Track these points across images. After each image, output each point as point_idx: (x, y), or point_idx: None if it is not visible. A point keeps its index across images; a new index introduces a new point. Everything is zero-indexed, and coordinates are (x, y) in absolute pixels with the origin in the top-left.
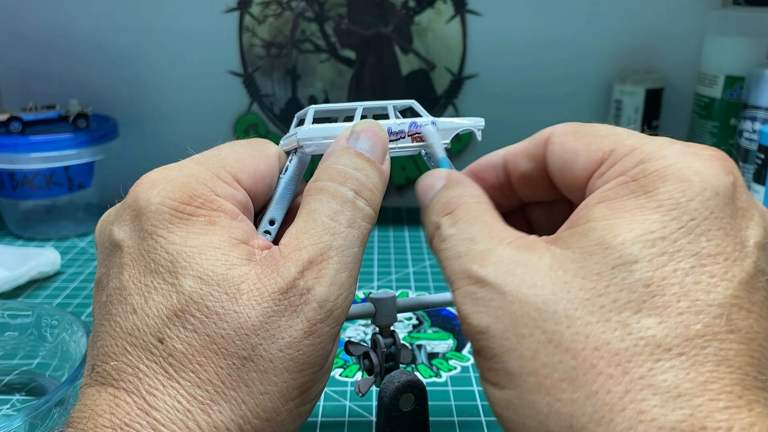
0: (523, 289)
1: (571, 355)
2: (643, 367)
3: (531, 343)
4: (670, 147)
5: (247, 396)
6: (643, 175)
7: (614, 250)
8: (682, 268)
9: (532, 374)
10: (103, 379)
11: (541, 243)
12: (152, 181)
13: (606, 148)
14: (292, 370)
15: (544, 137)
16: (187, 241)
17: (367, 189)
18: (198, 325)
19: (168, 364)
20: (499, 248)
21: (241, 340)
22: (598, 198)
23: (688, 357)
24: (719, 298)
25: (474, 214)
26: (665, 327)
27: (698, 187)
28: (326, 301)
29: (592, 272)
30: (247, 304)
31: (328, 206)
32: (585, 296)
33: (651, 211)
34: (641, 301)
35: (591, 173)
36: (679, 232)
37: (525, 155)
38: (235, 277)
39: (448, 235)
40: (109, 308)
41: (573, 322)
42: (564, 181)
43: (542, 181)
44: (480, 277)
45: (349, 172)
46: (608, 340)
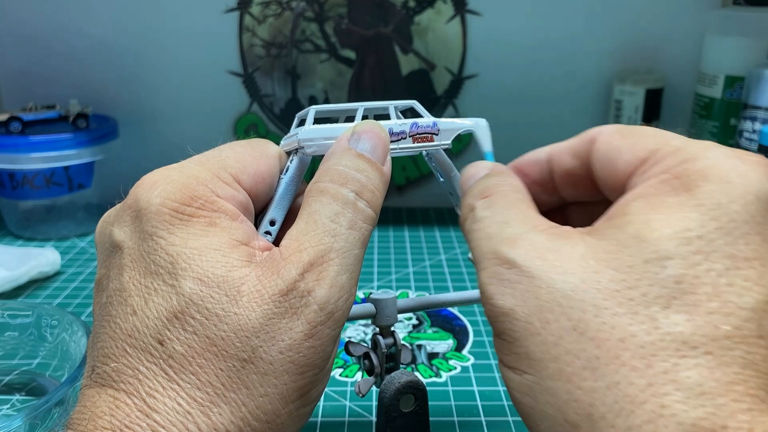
0: (553, 274)
1: (595, 344)
2: (668, 362)
3: (555, 329)
4: (716, 149)
5: (247, 398)
6: (686, 173)
7: (649, 245)
8: (717, 269)
9: (554, 360)
10: (103, 381)
11: (575, 233)
12: (153, 182)
13: (650, 147)
14: (292, 372)
15: (590, 135)
16: (188, 242)
17: (368, 190)
18: (198, 326)
19: (168, 366)
20: (531, 233)
21: (242, 342)
22: (638, 193)
23: (714, 356)
24: (751, 302)
25: (510, 200)
26: (693, 325)
27: (741, 190)
28: (327, 303)
29: (624, 264)
30: (248, 306)
31: (328, 208)
32: (615, 287)
33: (690, 209)
34: (671, 297)
35: (633, 171)
36: (717, 232)
37: (570, 152)
38: (236, 278)
39: (482, 217)
40: (109, 309)
41: (600, 312)
42: (606, 178)
43: (585, 180)
44: (509, 259)
45: (350, 173)
46: (635, 333)
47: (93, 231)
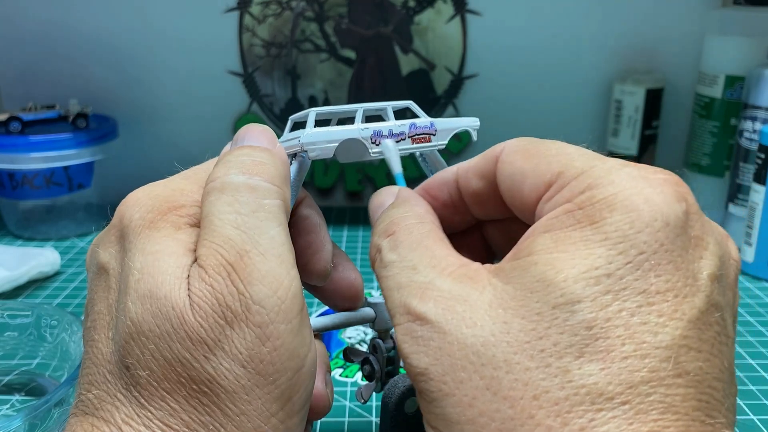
0: (463, 328)
1: (509, 403)
2: (584, 418)
3: (469, 389)
4: (620, 171)
5: (224, 419)
6: (590, 203)
7: (556, 288)
8: (628, 308)
9: (470, 423)
10: (86, 408)
11: (483, 274)
12: (136, 199)
13: (554, 170)
14: (262, 384)
15: (494, 154)
16: (145, 248)
17: (255, 165)
18: (153, 348)
19: (138, 393)
20: (439, 279)
21: (199, 362)
22: (543, 226)
23: (631, 406)
24: (667, 339)
25: (416, 237)
26: (608, 373)
27: (647, 218)
28: (265, 298)
29: (532, 312)
30: (195, 322)
31: (220, 202)
32: (525, 338)
33: (596, 245)
34: (583, 345)
35: (539, 196)
36: (626, 267)
37: (476, 173)
38: (183, 290)
39: (389, 262)
40: (92, 334)
41: (512, 368)
42: (513, 203)
43: (495, 200)
44: (420, 314)
45: (230, 162)
46: (548, 388)
47: (93, 231)
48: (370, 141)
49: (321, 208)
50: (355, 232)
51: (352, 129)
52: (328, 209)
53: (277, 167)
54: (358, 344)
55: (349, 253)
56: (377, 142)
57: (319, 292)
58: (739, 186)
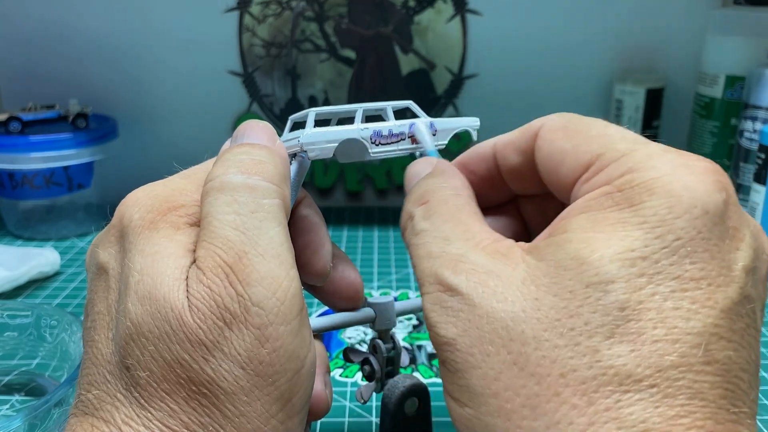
0: (494, 303)
1: (535, 380)
2: (610, 399)
3: (496, 363)
4: (662, 156)
5: (223, 421)
6: (630, 186)
7: (590, 267)
8: (662, 292)
9: (494, 396)
10: (86, 409)
11: (517, 251)
12: (135, 199)
13: (594, 152)
14: (261, 385)
15: (533, 130)
16: (144, 249)
17: (254, 164)
18: (152, 349)
19: (138, 394)
20: (473, 253)
21: (198, 364)
22: (580, 207)
23: (659, 389)
24: (698, 326)
25: (450, 209)
26: (638, 356)
27: (687, 204)
28: (264, 299)
29: (565, 289)
30: (193, 324)
31: (219, 202)
32: (555, 316)
33: (634, 227)
34: (614, 326)
35: (577, 177)
36: (661, 252)
37: (514, 148)
38: (181, 291)
39: (421, 230)
40: (92, 334)
41: (540, 345)
42: (551, 180)
43: (532, 176)
44: (452, 285)
45: (228, 161)
46: (575, 367)
47: (93, 231)
48: (369, 141)
49: (321, 208)
50: (355, 232)
51: (351, 129)
52: (328, 209)
53: (276, 166)
54: (358, 344)
55: (349, 253)
56: (377, 142)
57: (319, 292)
58: (740, 186)
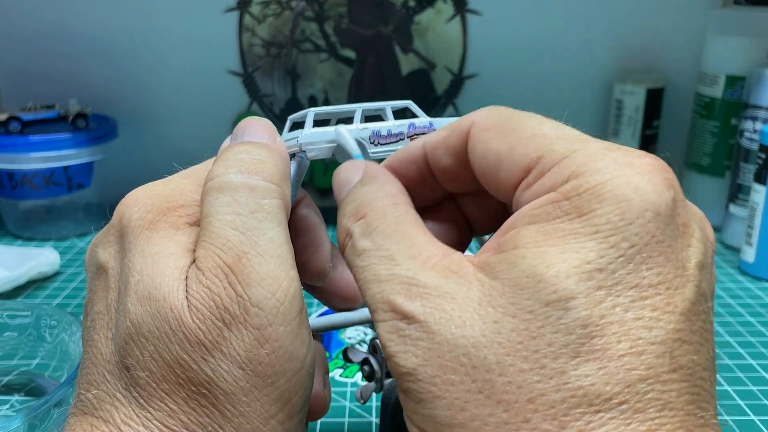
0: (452, 328)
1: (503, 407)
2: (581, 421)
3: (460, 392)
4: (605, 157)
5: (223, 421)
6: (577, 192)
7: (547, 284)
8: (622, 303)
9: (462, 426)
10: (85, 408)
11: (468, 268)
12: (135, 198)
13: (532, 154)
14: (260, 386)
15: (464, 129)
16: (145, 250)
17: (254, 164)
18: (152, 349)
19: (137, 394)
20: (423, 274)
21: (198, 364)
22: (527, 217)
23: (629, 405)
24: (661, 334)
25: (390, 222)
26: (605, 373)
27: (638, 208)
28: (264, 300)
29: (523, 310)
30: (193, 324)
31: (219, 202)
32: (517, 339)
33: (587, 238)
34: (579, 345)
35: (517, 182)
36: (617, 261)
37: (445, 150)
38: (181, 292)
39: (363, 249)
40: (92, 334)
41: (505, 370)
42: (488, 184)
43: (467, 175)
44: (407, 313)
45: (228, 160)
46: (543, 391)
47: (93, 231)
48: (368, 141)
49: (321, 208)
50: None
51: (350, 129)
52: (327, 209)
53: (276, 165)
54: (358, 344)
55: None
56: (375, 142)
57: (318, 292)
58: (740, 186)
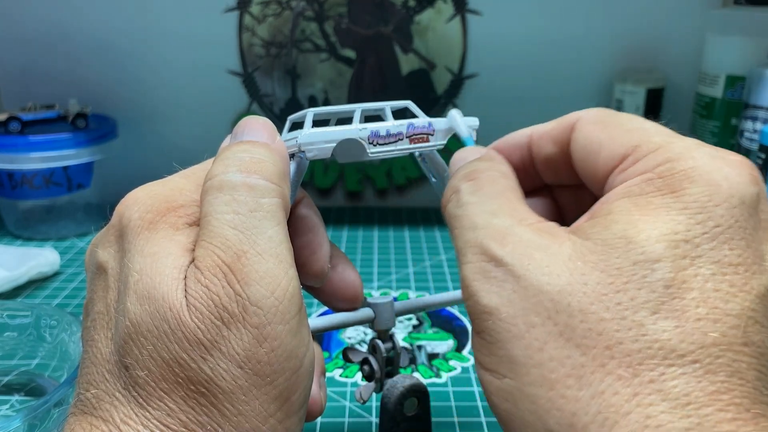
0: (540, 275)
1: (581, 351)
2: (655, 371)
3: (540, 334)
4: (699, 149)
5: (221, 420)
6: (670, 173)
7: (637, 246)
8: (703, 274)
9: (538, 366)
10: (84, 408)
11: (561, 230)
12: (135, 198)
13: (631, 143)
14: (259, 384)
15: (570, 122)
16: (144, 249)
17: (254, 163)
18: (151, 348)
19: (137, 393)
20: (519, 228)
21: (197, 363)
22: (621, 192)
23: (701, 365)
24: (737, 308)
25: (498, 188)
26: (681, 332)
27: (726, 193)
28: (263, 299)
29: (612, 266)
30: (191, 323)
31: (218, 201)
32: (602, 291)
33: (676, 212)
34: (660, 302)
35: (614, 167)
36: (702, 237)
37: (550, 138)
38: (180, 291)
39: (467, 202)
40: (92, 333)
41: (587, 317)
42: (586, 171)
43: (566, 167)
44: (497, 256)
45: (228, 159)
46: (621, 340)
47: (92, 231)
48: (367, 141)
49: (321, 208)
50: (355, 232)
51: (349, 129)
52: (327, 209)
53: (276, 164)
54: (358, 344)
55: (349, 254)
56: (375, 143)
57: (319, 292)
58: None
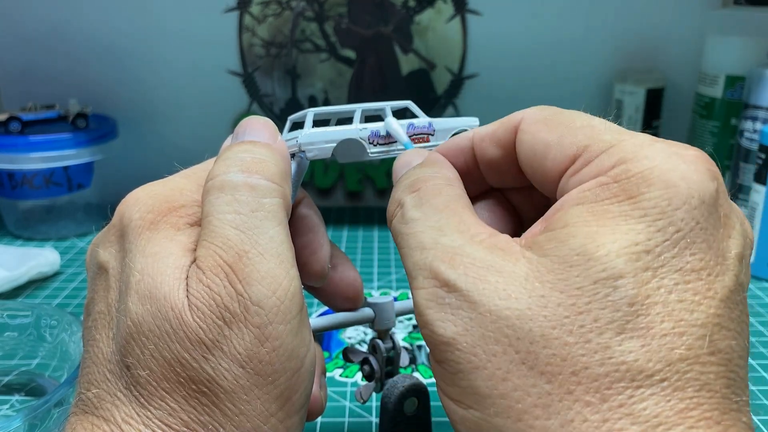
0: (497, 300)
1: (546, 378)
2: (623, 395)
3: (503, 363)
4: (652, 146)
5: (223, 419)
6: (626, 176)
7: (597, 263)
8: (666, 285)
9: (503, 397)
10: (86, 407)
11: (515, 246)
12: (136, 198)
13: (580, 143)
14: (261, 384)
15: (513, 123)
16: (146, 250)
17: (255, 163)
18: (153, 348)
19: (138, 393)
20: (469, 246)
21: (198, 363)
22: (576, 199)
23: (669, 383)
24: (702, 317)
25: (443, 199)
26: (648, 351)
27: (685, 194)
28: (264, 298)
29: (572, 286)
30: (193, 323)
31: (220, 201)
32: (564, 313)
33: (636, 220)
34: (624, 322)
35: (564, 169)
36: (663, 245)
37: (493, 141)
38: (181, 291)
39: (412, 218)
40: (93, 333)
41: (550, 343)
42: (534, 174)
43: (513, 170)
44: (448, 281)
45: (229, 159)
46: (587, 364)
47: (93, 231)
48: (367, 141)
49: (321, 208)
50: (355, 232)
51: (350, 129)
52: (327, 209)
53: (277, 164)
54: (358, 344)
55: (349, 253)
56: (374, 142)
57: (319, 292)
58: (740, 186)
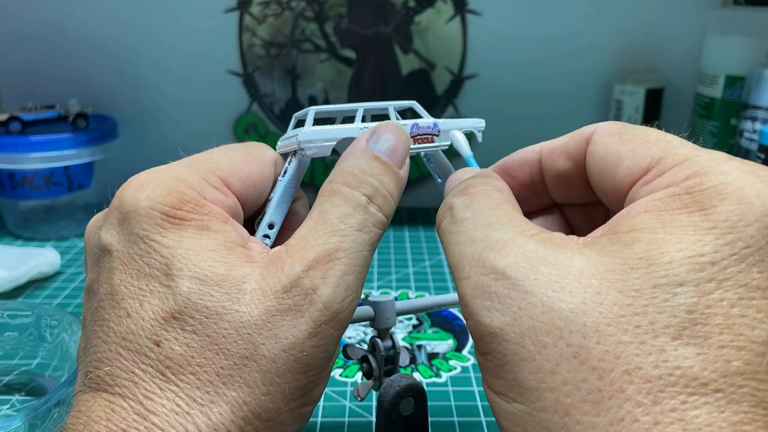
0: (549, 291)
1: (597, 374)
2: (676, 400)
3: (552, 355)
4: (728, 163)
5: (249, 397)
6: (699, 189)
7: (659, 268)
8: (729, 299)
9: (551, 390)
10: (97, 385)
11: (570, 242)
12: (140, 184)
13: (654, 155)
14: (295, 371)
15: (585, 135)
16: (182, 244)
17: (380, 195)
18: (197, 326)
19: (165, 367)
20: (521, 239)
21: (243, 340)
22: (645, 206)
23: (724, 394)
24: (763, 335)
25: (494, 200)
26: (704, 359)
27: (758, 212)
28: (332, 302)
29: (630, 287)
30: (250, 303)
31: (339, 209)
32: (620, 312)
33: (704, 232)
34: (681, 328)
35: (635, 180)
36: (730, 259)
37: (563, 153)
38: (237, 277)
39: (462, 218)
40: (101, 314)
41: (604, 339)
42: (603, 185)
43: (579, 182)
44: (497, 268)
45: (363, 177)
46: (641, 365)
47: None
48: None
49: None
50: None
51: (350, 128)
52: None
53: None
54: (358, 344)
55: None
56: None
57: None
58: None
